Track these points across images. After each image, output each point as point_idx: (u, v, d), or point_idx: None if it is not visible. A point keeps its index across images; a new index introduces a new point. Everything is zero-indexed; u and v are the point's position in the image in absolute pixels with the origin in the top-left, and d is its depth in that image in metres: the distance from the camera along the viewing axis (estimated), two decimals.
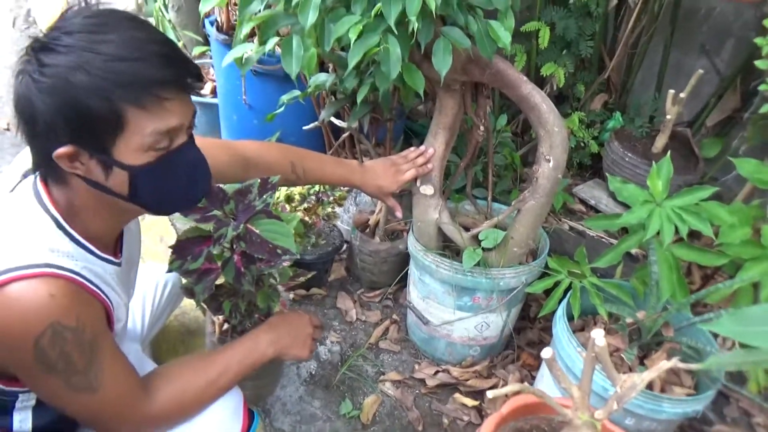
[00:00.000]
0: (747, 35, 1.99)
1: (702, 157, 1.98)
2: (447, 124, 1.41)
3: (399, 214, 1.41)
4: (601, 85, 2.14)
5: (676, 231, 1.24)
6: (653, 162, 1.89)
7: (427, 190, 1.43)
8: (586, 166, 2.20)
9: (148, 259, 1.86)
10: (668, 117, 1.86)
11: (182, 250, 1.05)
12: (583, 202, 2.08)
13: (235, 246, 1.07)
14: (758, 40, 1.13)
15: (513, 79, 1.23)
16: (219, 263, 1.12)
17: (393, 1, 0.99)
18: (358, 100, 1.35)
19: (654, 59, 2.10)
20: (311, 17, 1.06)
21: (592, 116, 2.15)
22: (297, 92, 1.45)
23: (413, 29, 1.00)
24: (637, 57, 2.07)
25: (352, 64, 1.02)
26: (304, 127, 1.85)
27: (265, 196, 1.11)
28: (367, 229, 1.82)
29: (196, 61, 2.48)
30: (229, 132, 2.04)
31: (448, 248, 1.54)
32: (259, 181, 1.14)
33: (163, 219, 2.01)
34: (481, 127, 1.43)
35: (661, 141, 1.92)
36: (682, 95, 1.80)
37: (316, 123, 1.83)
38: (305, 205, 1.64)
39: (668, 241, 1.21)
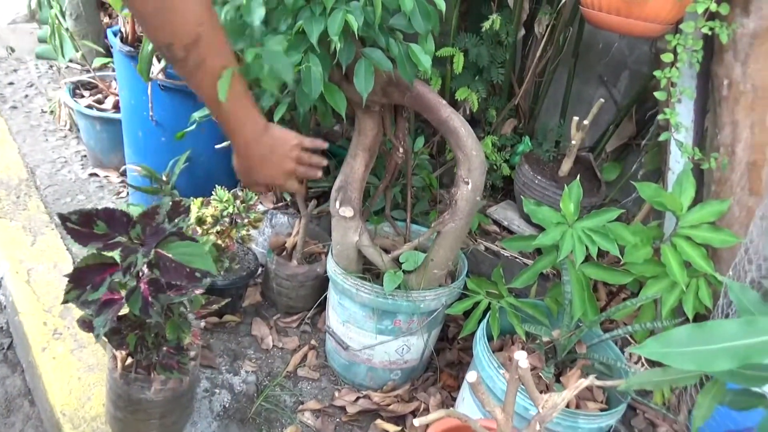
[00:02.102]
0: (640, 69, 2.15)
1: (604, 180, 2.10)
2: (366, 146, 1.40)
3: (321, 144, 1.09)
4: (511, 110, 2.23)
5: (588, 250, 1.30)
6: (561, 185, 1.98)
7: (347, 212, 1.41)
8: (498, 188, 2.27)
9: (41, 288, 1.68)
10: (573, 142, 1.96)
11: (81, 279, 0.95)
12: (496, 223, 2.14)
13: (141, 273, 0.99)
14: (657, 73, 1.22)
15: (433, 103, 1.24)
16: (123, 292, 1.03)
17: (315, 20, 0.97)
18: (275, 121, 1.30)
19: (559, 88, 2.21)
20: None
21: (503, 140, 2.23)
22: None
23: (335, 49, 0.98)
24: (543, 85, 2.18)
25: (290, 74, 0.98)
26: (217, 146, 1.78)
27: (177, 220, 1.04)
28: (284, 252, 1.76)
29: (97, 74, 2.33)
30: (134, 150, 1.92)
31: (368, 271, 1.52)
32: (170, 203, 1.06)
33: (57, 244, 1.84)
34: (400, 149, 1.43)
35: (566, 165, 2.02)
36: (585, 122, 1.90)
37: (228, 142, 1.76)
38: (218, 227, 1.56)
39: (580, 261, 1.26)
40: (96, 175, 2.21)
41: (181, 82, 1.67)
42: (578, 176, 2.05)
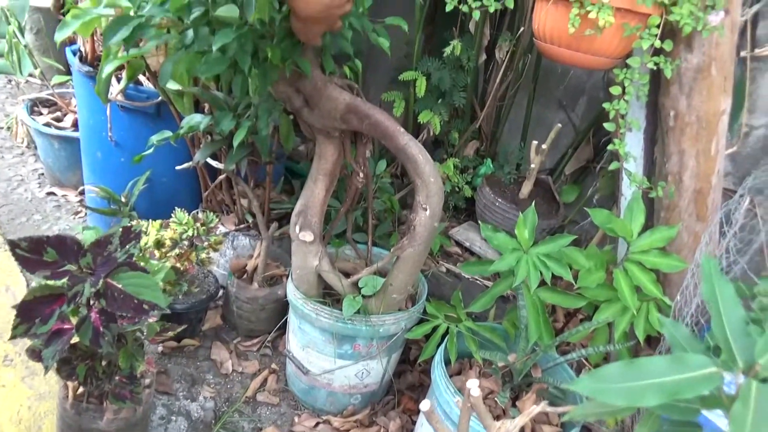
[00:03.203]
0: (597, 94, 2.22)
1: (562, 203, 2.15)
2: (327, 170, 1.41)
3: None
4: (473, 133, 2.27)
5: (542, 275, 1.33)
6: (521, 207, 2.01)
7: (307, 236, 1.41)
8: (461, 209, 2.30)
9: None
10: (532, 166, 2.00)
11: (29, 312, 0.93)
12: (459, 244, 2.17)
13: (92, 303, 0.97)
14: (606, 105, 1.26)
15: (390, 131, 1.25)
16: (74, 321, 1.01)
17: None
18: (235, 144, 1.31)
19: (519, 111, 2.27)
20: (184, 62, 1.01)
21: (466, 162, 2.27)
22: (168, 133, 1.38)
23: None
24: (504, 109, 2.23)
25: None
26: (177, 167, 1.76)
27: (128, 246, 1.03)
28: (245, 275, 1.74)
29: (56, 91, 2.29)
30: (93, 170, 1.89)
31: (329, 295, 1.52)
32: (120, 230, 1.05)
33: (10, 266, 1.79)
34: (361, 174, 1.45)
35: (527, 188, 2.07)
36: (543, 146, 1.95)
37: (191, 163, 1.75)
38: (177, 250, 1.54)
39: (535, 287, 1.29)
40: (53, 194, 2.17)
41: (140, 103, 1.65)
42: (535, 201, 2.09)
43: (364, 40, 2.42)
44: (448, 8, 1.35)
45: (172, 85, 1.48)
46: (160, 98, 1.62)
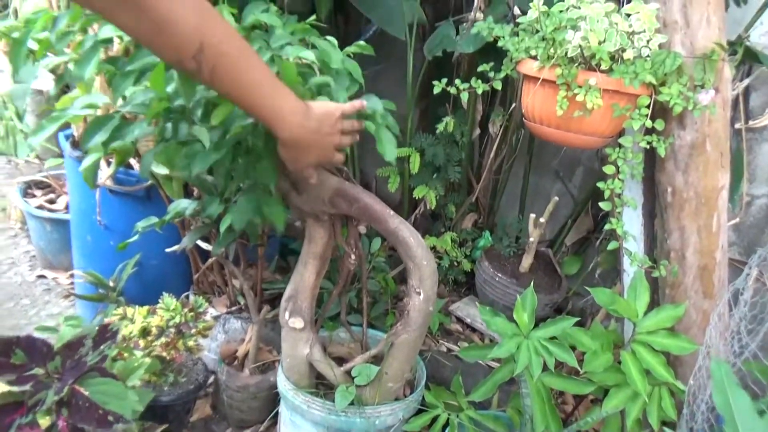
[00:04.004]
0: (593, 165, 2.21)
1: (564, 275, 2.09)
2: (317, 254, 1.37)
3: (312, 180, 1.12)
4: (470, 205, 2.24)
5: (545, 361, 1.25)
6: (522, 282, 1.96)
7: (297, 323, 1.35)
8: (461, 282, 2.24)
9: None
10: (531, 239, 1.96)
11: None
12: (460, 320, 2.10)
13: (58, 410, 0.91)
14: (600, 185, 1.23)
15: (380, 214, 1.22)
16: (42, 427, 0.94)
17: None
18: (222, 230, 1.27)
19: (516, 182, 2.25)
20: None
21: (464, 235, 2.23)
22: (154, 219, 1.35)
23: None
24: (501, 181, 2.21)
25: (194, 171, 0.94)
26: (167, 249, 1.73)
27: (102, 347, 0.98)
28: (236, 361, 1.67)
29: (51, 173, 2.29)
30: (82, 253, 1.85)
31: (322, 385, 1.44)
32: (96, 329, 1.00)
33: None
34: (353, 255, 1.40)
35: (527, 261, 2.01)
36: (541, 220, 1.91)
37: (179, 246, 1.71)
38: (163, 339, 1.48)
39: (537, 374, 1.22)
40: (44, 276, 2.12)
41: (130, 187, 1.64)
42: (536, 275, 2.05)
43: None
44: (436, 90, 1.35)
45: (161, 170, 1.46)
46: (150, 182, 1.61)
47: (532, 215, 1.95)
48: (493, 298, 1.96)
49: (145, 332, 1.50)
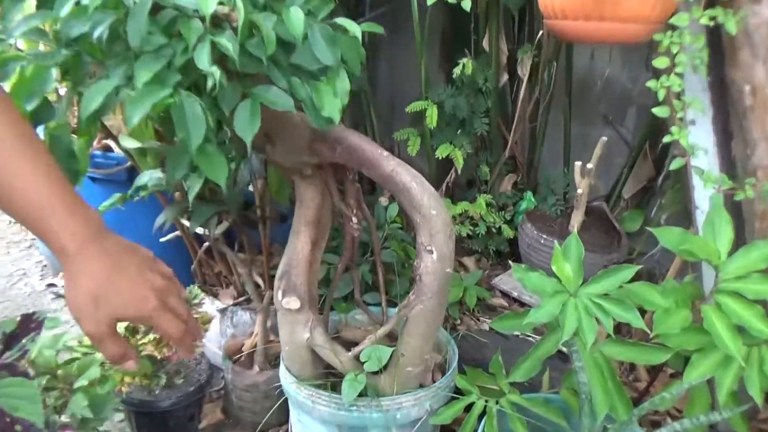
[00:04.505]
0: (646, 102, 1.88)
1: (624, 232, 1.78)
2: (310, 219, 1.14)
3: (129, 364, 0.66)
4: (507, 165, 1.96)
5: (600, 324, 0.97)
6: None
7: (292, 303, 1.13)
8: (503, 253, 1.96)
9: None
10: (579, 191, 1.66)
11: None
12: (505, 294, 1.82)
13: None
14: (651, 83, 0.94)
15: (370, 156, 0.98)
16: None
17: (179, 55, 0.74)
18: (190, 198, 1.07)
19: (557, 133, 1.95)
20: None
21: (504, 199, 1.95)
22: (117, 196, 1.16)
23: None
24: (538, 132, 1.92)
25: (133, 120, 0.72)
26: (162, 240, 1.55)
27: (24, 341, 0.78)
28: (242, 357, 1.46)
29: None
30: None
31: (332, 375, 1.21)
32: (18, 319, 0.81)
33: None
34: (354, 219, 1.17)
35: (577, 218, 1.72)
36: (589, 166, 1.62)
37: (175, 233, 1.53)
38: (151, 336, 1.29)
39: (591, 341, 0.94)
40: (54, 285, 2.01)
41: (109, 170, 1.47)
42: (590, 231, 1.75)
43: (370, 76, 2.21)
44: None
45: (131, 143, 1.28)
46: (129, 163, 1.43)
47: (578, 163, 1.66)
48: (539, 265, 1.67)
49: (133, 330, 1.32)
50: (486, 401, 1.11)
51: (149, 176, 1.14)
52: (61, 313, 1.89)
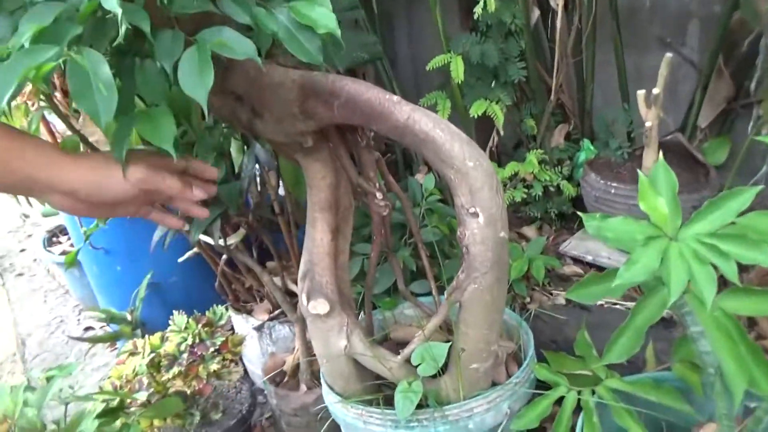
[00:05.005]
0: (710, 10, 1.59)
1: (711, 165, 1.50)
2: (323, 203, 0.94)
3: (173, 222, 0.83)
4: (555, 114, 1.70)
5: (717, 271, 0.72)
6: None
7: (320, 306, 0.92)
8: (566, 215, 1.71)
9: None
10: (648, 124, 1.39)
11: None
12: (578, 260, 1.57)
13: None
14: None
15: (376, 105, 0.76)
16: None
17: None
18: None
19: (608, 67, 1.68)
20: None
21: (557, 153, 1.69)
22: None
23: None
24: (586, 68, 1.65)
25: (7, 93, 0.52)
26: (180, 259, 1.39)
27: None
28: (285, 378, 1.28)
29: None
30: (100, 291, 1.58)
31: (386, 386, 1.00)
32: None
33: None
34: (378, 195, 0.96)
35: (649, 157, 1.45)
36: (656, 91, 1.35)
37: (193, 251, 1.37)
38: (176, 368, 1.13)
39: (712, 296, 0.69)
40: (91, 328, 1.89)
41: None
42: (672, 169, 1.48)
43: (387, 48, 2.00)
44: None
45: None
46: None
47: (640, 92, 1.39)
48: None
49: (156, 366, 1.15)
50: (579, 392, 0.87)
51: None
52: (99, 356, 1.77)
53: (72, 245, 1.95)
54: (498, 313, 0.86)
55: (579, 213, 0.86)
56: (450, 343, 0.88)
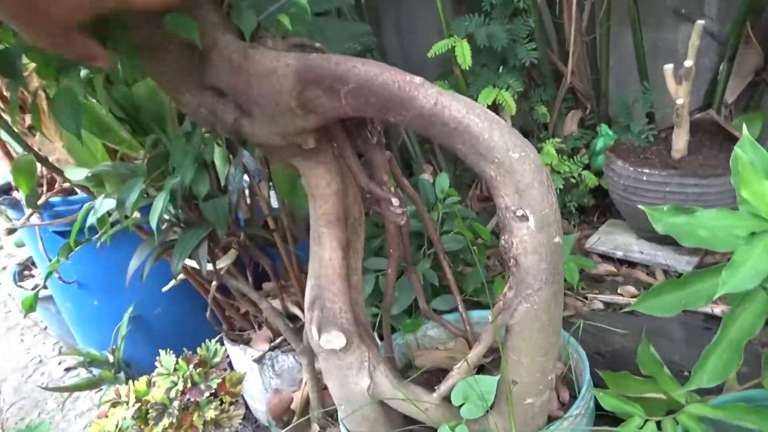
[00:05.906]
0: None
1: None
2: (330, 215, 0.78)
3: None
4: (567, 99, 1.56)
5: None
6: (687, 170, 1.27)
7: (334, 340, 0.76)
8: (588, 208, 1.56)
9: None
10: (679, 101, 1.26)
11: None
12: (606, 257, 1.42)
13: None
14: None
15: (394, 90, 0.61)
16: None
17: None
18: (152, 224, 0.72)
19: (623, 45, 1.54)
20: None
21: (571, 142, 1.55)
22: (61, 245, 0.83)
23: None
24: (600, 47, 1.51)
25: None
26: (164, 288, 1.22)
27: None
28: (294, 417, 1.11)
29: None
30: (77, 328, 1.41)
31: (420, 424, 0.85)
32: None
33: None
34: (394, 201, 0.80)
35: (681, 138, 1.31)
36: (687, 64, 1.21)
37: (179, 278, 1.20)
38: (167, 420, 0.96)
39: None
40: (73, 368, 1.71)
41: (71, 218, 1.15)
42: (703, 153, 1.35)
43: (377, 35, 1.84)
44: None
45: (79, 174, 0.95)
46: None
47: (668, 66, 1.25)
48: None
49: (143, 417, 0.99)
50: (658, 424, 0.72)
51: (101, 206, 0.81)
52: (82, 400, 1.59)
53: None
54: (556, 336, 0.70)
55: (641, 207, 0.71)
56: (496, 377, 0.72)
